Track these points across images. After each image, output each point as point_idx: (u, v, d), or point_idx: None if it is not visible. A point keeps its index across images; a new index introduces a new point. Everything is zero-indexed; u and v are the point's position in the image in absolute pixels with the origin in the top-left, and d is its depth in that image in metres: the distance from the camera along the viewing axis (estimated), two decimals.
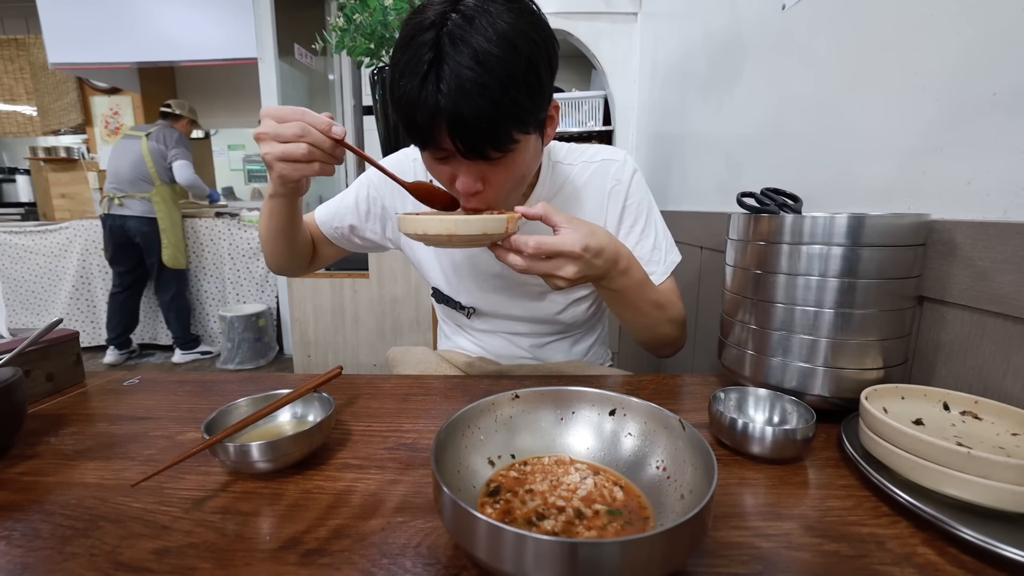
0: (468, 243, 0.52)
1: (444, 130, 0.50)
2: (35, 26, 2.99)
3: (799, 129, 0.86)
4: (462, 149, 0.51)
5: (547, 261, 0.53)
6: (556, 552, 0.25)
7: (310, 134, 0.52)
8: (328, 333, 2.00)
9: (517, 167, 0.57)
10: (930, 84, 0.58)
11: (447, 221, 0.50)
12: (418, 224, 0.51)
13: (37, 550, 0.34)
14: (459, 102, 0.47)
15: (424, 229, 0.51)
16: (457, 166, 0.55)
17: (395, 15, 1.31)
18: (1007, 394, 0.47)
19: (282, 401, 0.49)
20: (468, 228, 0.50)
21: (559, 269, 0.53)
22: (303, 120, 0.52)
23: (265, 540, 0.35)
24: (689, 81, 1.40)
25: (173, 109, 2.87)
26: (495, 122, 0.50)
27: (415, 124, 0.51)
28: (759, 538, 0.35)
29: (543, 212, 0.54)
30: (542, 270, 0.53)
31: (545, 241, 0.51)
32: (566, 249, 0.52)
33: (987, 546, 0.32)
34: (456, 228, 0.50)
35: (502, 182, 0.57)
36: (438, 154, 0.55)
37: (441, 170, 0.58)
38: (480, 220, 0.50)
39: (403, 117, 0.52)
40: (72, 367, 0.67)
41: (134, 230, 2.73)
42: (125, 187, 2.71)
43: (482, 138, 0.50)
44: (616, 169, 0.75)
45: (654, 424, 0.40)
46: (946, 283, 0.53)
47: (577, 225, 0.54)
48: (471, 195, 0.57)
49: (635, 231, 0.75)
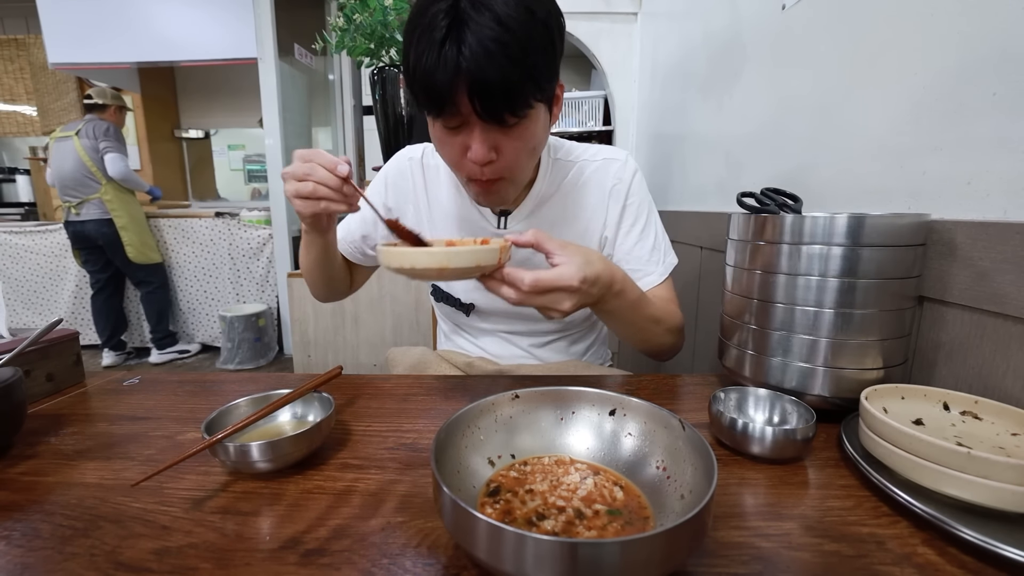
0: (459, 276, 0.50)
1: (463, 92, 0.51)
2: (35, 26, 2.99)
3: (799, 129, 0.86)
4: (480, 111, 0.52)
5: (544, 295, 0.51)
6: (556, 552, 0.25)
7: (315, 172, 0.53)
8: (328, 333, 2.00)
9: (529, 137, 0.58)
10: (930, 84, 0.58)
11: (437, 254, 0.47)
12: (404, 257, 0.47)
13: (37, 550, 0.34)
14: (481, 62, 0.49)
15: (412, 263, 0.47)
16: (470, 136, 0.56)
17: (395, 15, 1.31)
18: (1007, 394, 0.47)
19: (282, 401, 0.49)
20: (461, 260, 0.47)
21: (557, 303, 0.52)
22: (313, 160, 0.53)
23: (265, 540, 0.35)
24: (689, 81, 1.40)
25: (95, 99, 2.72)
26: (515, 83, 0.51)
27: (433, 89, 0.51)
28: (759, 538, 0.35)
29: (534, 240, 0.53)
30: (538, 304, 0.51)
31: (542, 277, 0.50)
32: (563, 284, 0.50)
33: (987, 546, 0.32)
34: (448, 261, 0.47)
35: (515, 152, 0.58)
36: (452, 122, 0.55)
37: (452, 142, 0.58)
38: (472, 252, 0.48)
39: (420, 84, 0.52)
40: (72, 367, 0.67)
41: (95, 233, 2.68)
42: (74, 192, 2.63)
43: (501, 100, 0.51)
44: (617, 168, 0.75)
45: (654, 424, 0.40)
46: (946, 283, 0.53)
47: (572, 254, 0.53)
48: (484, 164, 0.57)
49: (635, 231, 0.75)
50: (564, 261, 0.52)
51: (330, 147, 3.69)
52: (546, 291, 0.50)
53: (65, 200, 2.67)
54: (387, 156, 1.53)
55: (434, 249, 0.48)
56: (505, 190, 0.64)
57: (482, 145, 0.56)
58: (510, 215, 0.74)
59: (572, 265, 0.51)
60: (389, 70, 1.40)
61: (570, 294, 0.52)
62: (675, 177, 1.51)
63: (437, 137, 0.60)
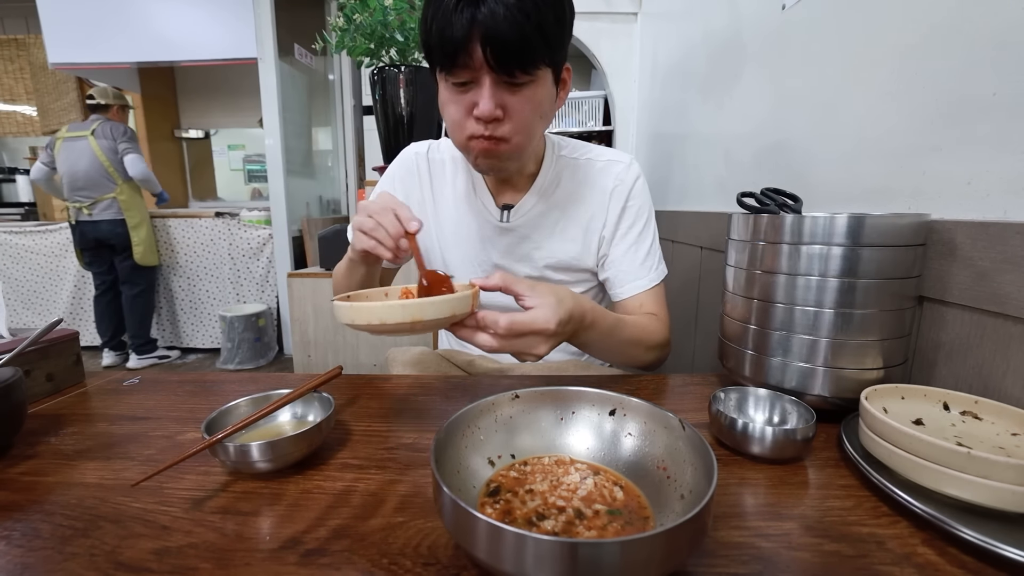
0: (432, 327, 0.47)
1: (477, 43, 0.53)
2: (35, 26, 2.98)
3: (799, 129, 0.86)
4: (492, 63, 0.54)
5: (519, 339, 0.51)
6: (556, 552, 0.25)
7: (385, 216, 0.54)
8: (328, 333, 2.00)
9: (536, 102, 0.60)
10: (930, 84, 0.58)
11: (410, 307, 0.43)
12: (372, 313, 0.43)
13: (37, 550, 0.34)
14: (496, 15, 0.52)
15: (382, 318, 0.43)
16: (478, 92, 0.58)
17: (395, 15, 1.32)
18: (1007, 394, 0.47)
19: (282, 401, 0.49)
20: (436, 312, 0.44)
21: (532, 347, 0.52)
22: (392, 208, 0.55)
23: (265, 540, 0.35)
24: (689, 81, 1.40)
25: (98, 99, 2.70)
26: (527, 37, 0.53)
27: (449, 41, 0.54)
28: (759, 538, 0.35)
29: (501, 283, 0.53)
30: (514, 348, 0.52)
31: (517, 320, 0.50)
32: (539, 327, 0.51)
33: (987, 546, 0.32)
34: (422, 313, 0.43)
35: (520, 114, 0.60)
36: (463, 76, 0.57)
37: (460, 100, 0.59)
38: (447, 301, 0.45)
39: (436, 37, 0.55)
40: (72, 367, 0.67)
41: (108, 233, 2.68)
42: (87, 192, 2.62)
43: (513, 53, 0.54)
44: (620, 170, 0.76)
45: (654, 424, 0.40)
46: (946, 283, 0.53)
47: (543, 295, 0.53)
48: (490, 121, 0.58)
49: (631, 234, 0.75)
50: (537, 303, 0.52)
51: (330, 147, 3.69)
52: (521, 335, 0.51)
53: (76, 200, 2.65)
54: (387, 156, 1.53)
55: (405, 301, 0.44)
56: (506, 155, 0.64)
57: (490, 100, 0.57)
58: (512, 209, 0.75)
59: (547, 308, 0.51)
60: (389, 70, 1.40)
61: (546, 338, 0.52)
62: (675, 177, 1.51)
63: (446, 98, 0.61)
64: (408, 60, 1.40)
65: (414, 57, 1.41)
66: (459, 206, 0.77)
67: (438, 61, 0.57)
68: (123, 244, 2.74)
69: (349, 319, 0.44)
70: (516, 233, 0.76)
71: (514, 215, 0.75)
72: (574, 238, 0.75)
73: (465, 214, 0.77)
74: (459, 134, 0.63)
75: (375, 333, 0.46)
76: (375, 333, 0.46)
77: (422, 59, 1.44)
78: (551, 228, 0.76)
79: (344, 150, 3.49)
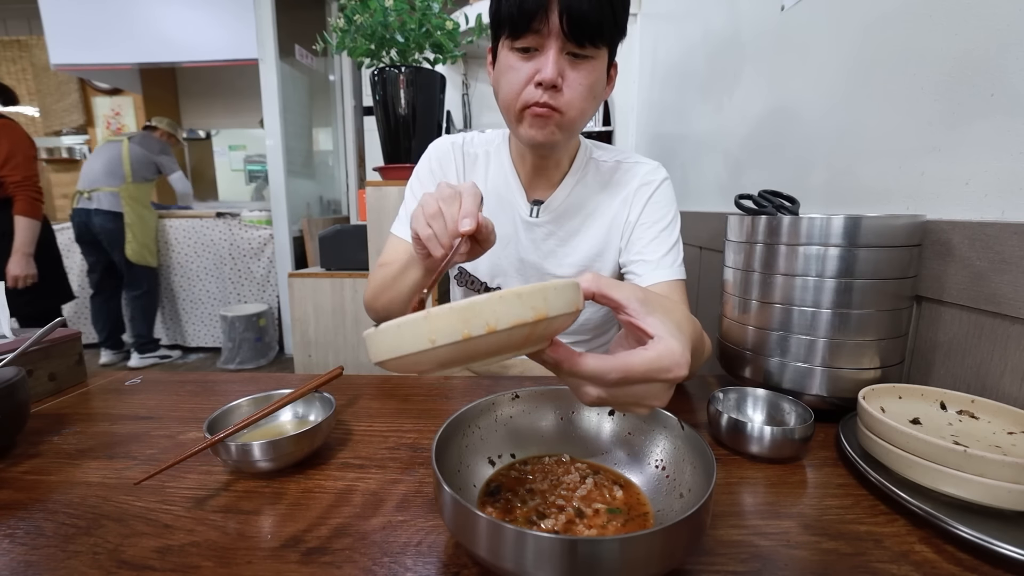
0: (504, 348, 0.28)
1: (555, 9, 0.56)
2: (37, 27, 2.99)
3: (798, 129, 0.86)
4: (566, 30, 0.57)
5: (636, 387, 0.31)
6: (556, 549, 0.25)
7: (449, 207, 0.49)
8: (329, 333, 2.00)
9: (592, 79, 0.62)
10: (929, 84, 0.58)
11: (473, 308, 0.25)
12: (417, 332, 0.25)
13: (40, 548, 0.35)
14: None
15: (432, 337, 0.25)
16: (542, 61, 0.60)
17: (395, 16, 1.32)
18: (1004, 393, 0.47)
19: (284, 401, 0.50)
20: (512, 315, 0.25)
21: (652, 398, 0.32)
22: (458, 199, 0.49)
23: (267, 539, 0.35)
24: (689, 81, 1.40)
25: (154, 123, 2.97)
26: (603, 10, 0.57)
27: (526, 4, 0.57)
28: (757, 536, 0.35)
29: (595, 287, 0.33)
30: (627, 400, 0.32)
31: (634, 363, 0.30)
32: (666, 368, 0.30)
33: (983, 543, 0.32)
34: (494, 318, 0.25)
35: (579, 87, 0.61)
36: (529, 42, 0.60)
37: (521, 67, 0.61)
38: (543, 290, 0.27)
39: (515, 2, 0.58)
40: (74, 367, 0.67)
41: (98, 226, 2.70)
42: (94, 182, 2.71)
43: (586, 24, 0.57)
44: (647, 171, 0.78)
45: (653, 424, 0.40)
46: (943, 283, 0.53)
47: (662, 316, 0.33)
48: (549, 88, 0.60)
49: (655, 228, 0.74)
50: (662, 332, 0.31)
51: (331, 147, 3.69)
52: (641, 381, 0.31)
53: (82, 187, 2.70)
54: (387, 156, 1.53)
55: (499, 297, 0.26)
56: (557, 127, 0.64)
57: (553, 66, 0.59)
58: (543, 204, 0.76)
59: (672, 338, 0.31)
60: (390, 71, 1.40)
61: (671, 384, 0.32)
62: (674, 177, 1.49)
63: (506, 65, 0.63)
64: (408, 61, 1.41)
65: (414, 58, 1.42)
66: (489, 201, 0.78)
67: (508, 24, 0.60)
68: (112, 238, 2.74)
69: (383, 354, 0.27)
70: (544, 229, 0.77)
71: (544, 210, 0.76)
72: (598, 236, 0.77)
73: (495, 209, 0.78)
74: (515, 102, 0.64)
75: (425, 372, 0.31)
76: (425, 372, 0.31)
77: (422, 60, 1.44)
78: (578, 225, 0.77)
79: (345, 150, 3.50)
